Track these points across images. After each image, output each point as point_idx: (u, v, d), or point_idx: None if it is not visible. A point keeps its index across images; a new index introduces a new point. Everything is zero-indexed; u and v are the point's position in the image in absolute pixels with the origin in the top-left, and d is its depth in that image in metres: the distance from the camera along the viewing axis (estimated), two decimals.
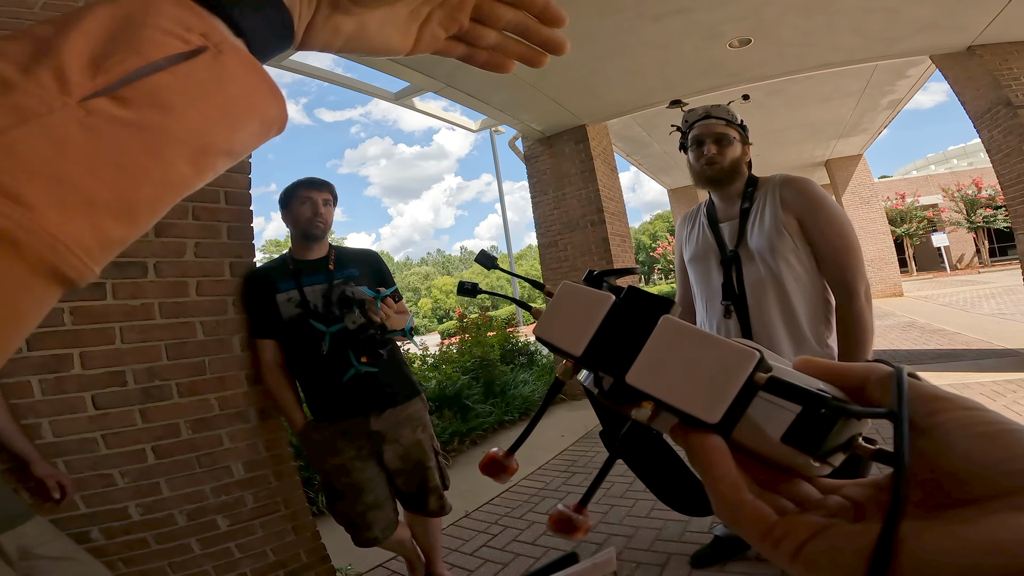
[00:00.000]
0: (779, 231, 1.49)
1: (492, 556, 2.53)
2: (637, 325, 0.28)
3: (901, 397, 0.22)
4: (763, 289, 1.51)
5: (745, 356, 0.24)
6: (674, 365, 0.26)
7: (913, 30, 4.57)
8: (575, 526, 0.26)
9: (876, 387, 0.24)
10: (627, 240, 6.39)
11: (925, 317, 8.27)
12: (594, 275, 0.36)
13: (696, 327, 0.26)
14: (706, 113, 1.64)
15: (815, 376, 0.26)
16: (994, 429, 0.20)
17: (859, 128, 9.38)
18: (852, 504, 0.24)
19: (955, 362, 5.00)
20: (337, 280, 1.93)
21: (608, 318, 0.29)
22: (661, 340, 0.27)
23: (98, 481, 1.64)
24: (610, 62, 4.64)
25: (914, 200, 20.53)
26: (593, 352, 0.29)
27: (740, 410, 0.24)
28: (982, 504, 0.18)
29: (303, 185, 1.97)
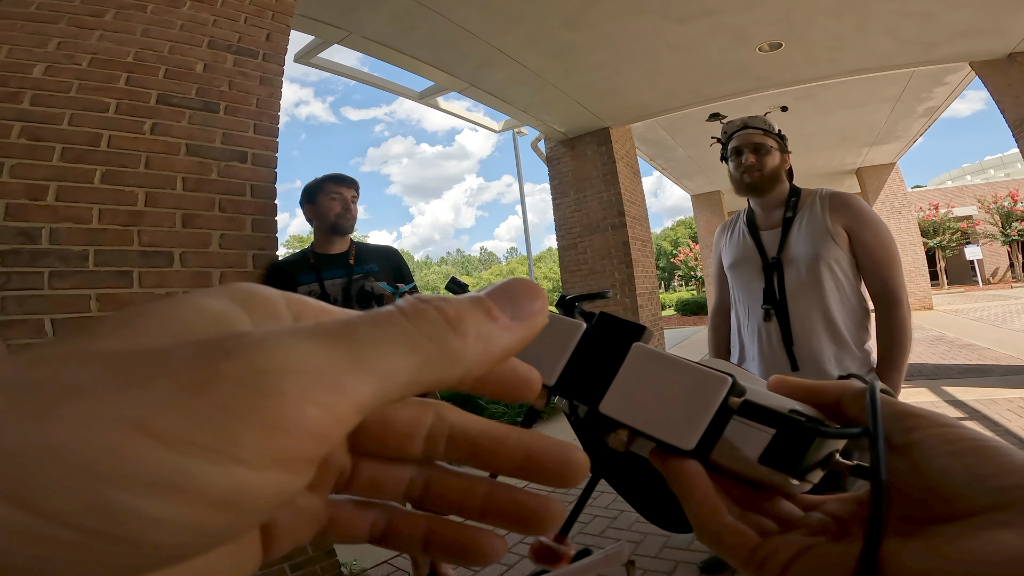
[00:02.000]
0: (827, 239, 1.55)
1: None
2: (609, 352, 0.28)
3: (875, 415, 0.22)
4: (804, 294, 1.56)
5: (717, 381, 0.24)
6: (647, 393, 0.26)
7: (951, 35, 4.43)
8: (557, 556, 0.27)
9: (851, 404, 0.24)
10: (648, 245, 6.33)
11: (955, 331, 8.02)
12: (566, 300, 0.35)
13: (667, 354, 0.26)
14: (744, 124, 1.70)
15: (790, 395, 0.26)
16: (970, 446, 0.20)
17: (893, 136, 9.13)
18: (834, 520, 0.24)
19: (983, 377, 4.86)
20: (357, 275, 1.96)
21: (580, 346, 0.29)
22: (633, 368, 0.26)
23: None
24: (634, 64, 4.61)
25: (948, 211, 19.92)
26: (566, 381, 0.29)
27: (716, 434, 0.24)
28: (963, 521, 0.18)
29: (332, 180, 2.00)
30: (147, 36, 1.87)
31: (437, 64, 4.22)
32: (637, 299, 5.79)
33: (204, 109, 1.95)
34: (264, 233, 2.05)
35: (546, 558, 0.27)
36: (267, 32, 2.17)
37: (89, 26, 1.77)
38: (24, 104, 1.62)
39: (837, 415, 0.25)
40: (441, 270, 64.65)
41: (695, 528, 0.24)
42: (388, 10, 3.43)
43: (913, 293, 11.47)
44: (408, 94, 5.09)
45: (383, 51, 3.90)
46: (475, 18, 3.66)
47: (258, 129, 2.07)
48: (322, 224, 2.00)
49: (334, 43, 3.77)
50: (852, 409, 0.24)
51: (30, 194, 1.60)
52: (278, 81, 2.16)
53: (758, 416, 0.23)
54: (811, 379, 0.26)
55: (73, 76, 1.71)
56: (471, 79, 4.54)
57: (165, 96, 1.87)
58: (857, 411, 0.24)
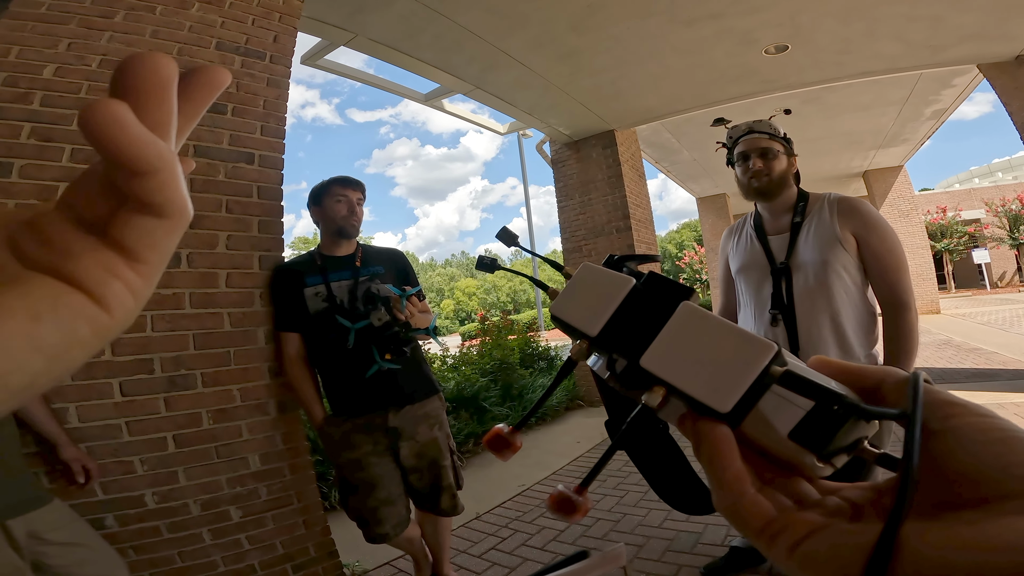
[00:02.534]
0: (835, 245, 1.55)
1: (500, 559, 2.52)
2: (655, 310, 0.28)
3: (916, 399, 0.22)
4: (812, 300, 1.56)
5: (763, 347, 0.24)
6: (690, 352, 0.25)
7: (959, 38, 4.41)
8: (574, 506, 0.27)
9: (892, 390, 0.25)
10: (653, 248, 6.31)
11: (962, 335, 7.95)
12: (615, 259, 0.36)
13: (716, 316, 0.26)
14: (749, 128, 1.70)
15: (831, 376, 0.26)
16: (1005, 435, 0.20)
17: (900, 138, 9.08)
18: (850, 506, 0.24)
19: (990, 381, 4.83)
20: (363, 277, 1.96)
21: (627, 301, 0.29)
22: (679, 326, 0.26)
23: (118, 468, 1.68)
24: (640, 67, 4.60)
25: (955, 214, 19.78)
26: (609, 333, 0.29)
27: (751, 402, 0.24)
28: (988, 506, 0.18)
29: (338, 183, 2.01)
30: (156, 38, 1.88)
31: (443, 66, 4.23)
32: None
33: (211, 110, 1.95)
34: (270, 235, 2.06)
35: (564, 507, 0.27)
36: (274, 34, 2.19)
37: (99, 27, 1.78)
38: (34, 105, 1.63)
39: (874, 399, 0.25)
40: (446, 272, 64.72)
41: (714, 493, 0.24)
42: (395, 13, 3.45)
43: (920, 297, 11.39)
44: (414, 96, 5.11)
45: (389, 53, 3.92)
46: (481, 21, 3.67)
47: (265, 131, 2.08)
48: (328, 226, 2.00)
49: (340, 45, 3.78)
50: (892, 395, 0.24)
51: (40, 195, 1.61)
52: (285, 83, 2.18)
53: (799, 387, 0.23)
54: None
55: (83, 77, 1.73)
56: (477, 82, 4.54)
57: None
58: (896, 397, 0.24)
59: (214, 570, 1.81)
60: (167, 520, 1.74)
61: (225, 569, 1.83)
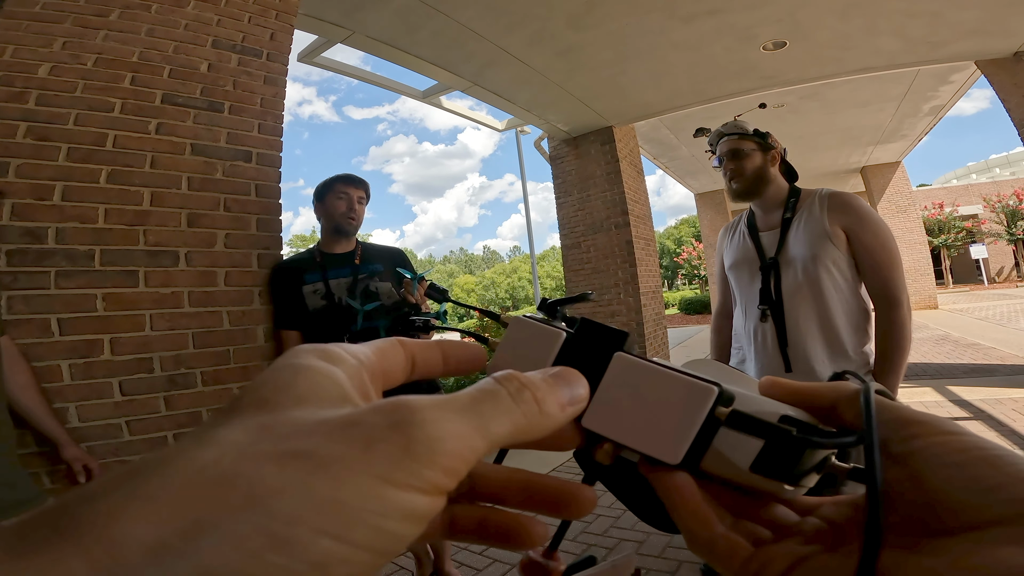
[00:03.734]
0: (824, 240, 1.54)
1: (501, 556, 2.53)
2: (591, 360, 0.27)
3: (870, 422, 0.21)
4: (800, 295, 1.56)
5: (703, 392, 0.23)
6: (630, 404, 0.25)
7: (958, 34, 4.41)
8: (546, 571, 0.27)
9: (847, 408, 0.23)
10: (651, 244, 6.32)
11: (960, 331, 7.98)
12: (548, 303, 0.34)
13: (651, 363, 0.25)
14: (719, 133, 1.71)
15: (782, 399, 0.25)
16: (975, 456, 0.19)
17: (898, 134, 9.08)
18: (830, 527, 0.23)
19: (988, 377, 4.84)
20: (362, 275, 1.96)
21: (562, 354, 0.28)
22: (615, 379, 0.25)
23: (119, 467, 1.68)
24: (639, 63, 4.59)
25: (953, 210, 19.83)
26: None
27: (704, 444, 0.23)
28: (966, 535, 0.17)
29: (341, 180, 2.00)
30: (152, 36, 1.87)
31: (441, 63, 4.22)
32: (640, 298, 5.78)
33: (209, 109, 1.95)
34: (269, 232, 2.05)
35: (535, 573, 0.27)
36: (271, 31, 2.17)
37: (94, 26, 1.77)
38: (30, 104, 1.62)
39: (832, 419, 0.24)
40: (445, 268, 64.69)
41: (686, 540, 0.24)
42: (392, 9, 3.43)
43: (918, 292, 11.43)
44: (411, 93, 5.09)
45: (387, 50, 3.90)
46: (480, 18, 3.66)
47: (262, 128, 2.07)
48: (328, 223, 2.00)
49: (338, 42, 3.77)
50: (848, 413, 0.23)
51: (36, 194, 1.60)
52: (282, 80, 2.17)
53: (747, 427, 0.23)
54: (803, 380, 0.26)
55: (78, 76, 1.72)
56: (475, 78, 4.53)
57: (170, 96, 1.87)
58: (853, 415, 0.23)
59: None
60: None
61: None
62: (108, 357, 1.68)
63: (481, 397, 0.18)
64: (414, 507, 0.15)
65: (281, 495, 0.13)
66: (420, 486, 0.15)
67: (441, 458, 0.16)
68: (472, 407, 0.18)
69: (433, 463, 0.15)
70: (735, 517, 0.25)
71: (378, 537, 0.14)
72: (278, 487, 0.13)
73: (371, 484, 0.14)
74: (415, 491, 0.15)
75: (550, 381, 0.21)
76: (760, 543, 0.23)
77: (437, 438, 0.16)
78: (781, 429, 0.22)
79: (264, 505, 0.13)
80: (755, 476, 0.23)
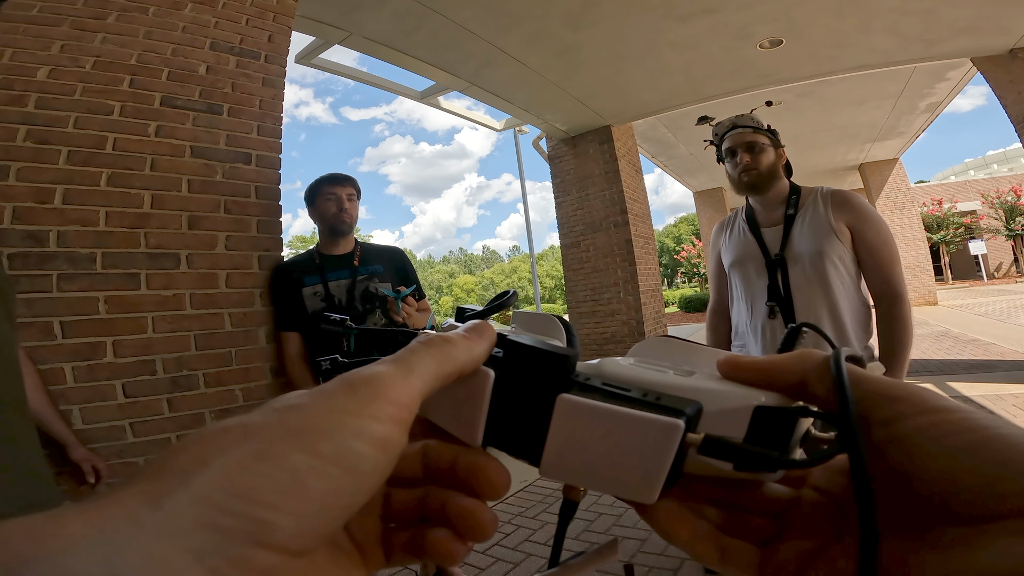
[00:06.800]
0: (830, 236, 1.55)
1: (504, 555, 2.53)
2: (532, 396, 0.23)
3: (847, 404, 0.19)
4: (810, 290, 1.57)
5: (668, 430, 0.21)
6: (588, 451, 0.22)
7: (953, 32, 4.42)
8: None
9: (816, 383, 0.21)
10: (651, 242, 6.32)
11: (960, 327, 7.99)
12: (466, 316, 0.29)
13: (600, 403, 0.22)
14: (732, 124, 1.70)
15: (747, 380, 0.23)
16: (973, 439, 0.17)
17: (895, 131, 9.10)
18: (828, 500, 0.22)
19: (989, 373, 4.85)
20: (361, 276, 1.96)
21: (496, 395, 0.24)
22: (564, 426, 0.22)
23: (124, 470, 1.67)
24: (636, 62, 4.60)
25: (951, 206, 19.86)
26: (495, 434, 0.24)
27: (679, 470, 0.22)
28: (973, 527, 0.16)
29: (327, 181, 2.01)
30: (150, 39, 1.88)
31: (439, 64, 4.22)
32: (640, 297, 5.79)
33: (208, 111, 1.95)
34: (269, 234, 2.06)
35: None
36: (269, 34, 2.18)
37: (92, 29, 1.77)
38: (29, 107, 1.63)
39: (803, 395, 0.22)
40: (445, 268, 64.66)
41: (695, 559, 0.23)
42: (389, 10, 3.44)
43: (918, 288, 11.44)
44: (409, 94, 5.09)
45: (384, 51, 3.91)
46: (477, 18, 3.66)
47: (262, 131, 2.07)
48: (323, 226, 2.01)
49: (335, 44, 3.77)
50: (819, 387, 0.21)
51: (37, 197, 1.60)
52: (280, 82, 2.17)
53: (721, 453, 0.21)
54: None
55: (77, 79, 1.72)
56: (473, 79, 4.54)
57: (169, 98, 1.88)
58: (824, 390, 0.21)
59: None
60: None
61: None
62: (111, 359, 1.68)
63: (405, 351, 0.22)
64: (371, 431, 0.18)
65: (263, 427, 0.17)
66: (373, 414, 0.18)
67: (383, 391, 0.19)
68: (399, 357, 0.21)
69: (377, 395, 0.19)
70: (728, 510, 0.24)
71: (342, 452, 0.17)
72: (261, 423, 0.17)
73: (331, 414, 0.18)
74: (368, 418, 0.18)
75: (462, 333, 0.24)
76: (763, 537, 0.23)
77: (376, 379, 0.19)
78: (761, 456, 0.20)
79: (252, 435, 0.17)
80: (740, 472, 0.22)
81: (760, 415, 0.21)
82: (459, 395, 0.24)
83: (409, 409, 0.19)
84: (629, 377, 0.23)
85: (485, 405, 0.24)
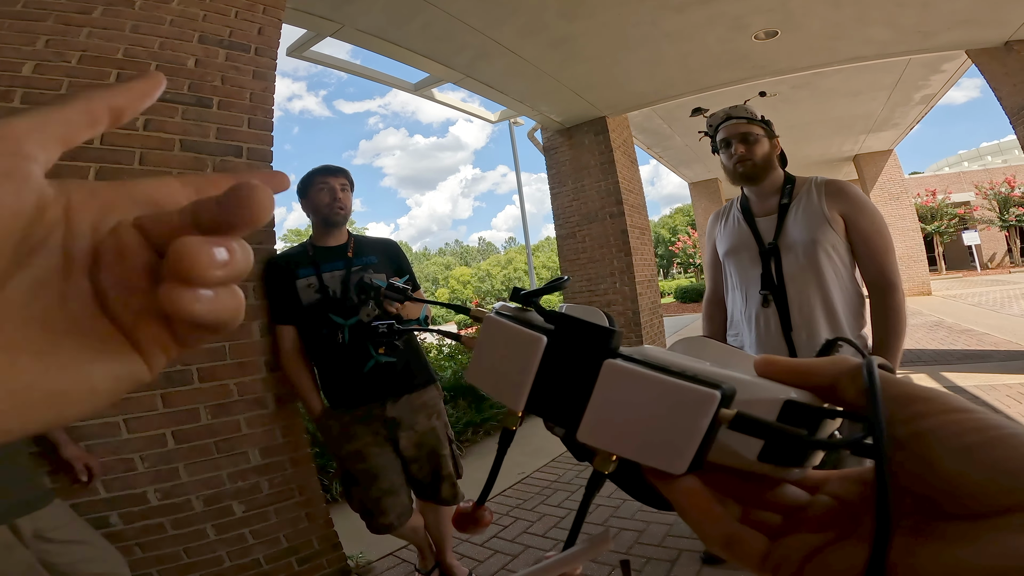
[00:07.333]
0: (824, 225, 1.56)
1: (502, 547, 2.55)
2: (579, 365, 0.25)
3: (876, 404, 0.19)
4: (804, 279, 1.57)
5: (704, 399, 0.22)
6: (626, 414, 0.23)
7: (949, 24, 4.41)
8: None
9: (848, 386, 0.22)
10: (646, 233, 6.33)
11: (953, 317, 8.05)
12: (522, 295, 0.31)
13: (643, 370, 0.23)
14: (727, 115, 1.70)
15: (780, 379, 0.24)
16: (992, 437, 0.18)
17: (890, 123, 9.10)
18: (841, 505, 0.23)
19: (983, 363, 4.87)
20: (356, 267, 1.96)
21: (545, 362, 0.26)
22: (607, 390, 0.24)
23: (119, 466, 1.68)
24: (632, 53, 4.57)
25: (945, 197, 19.92)
26: (536, 405, 0.26)
27: (708, 446, 0.22)
28: (979, 521, 0.17)
29: (319, 172, 2.00)
30: (136, 32, 1.85)
31: (433, 56, 4.18)
32: (636, 287, 5.80)
33: (197, 104, 1.93)
34: (262, 227, 2.04)
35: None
36: (259, 26, 2.15)
37: (77, 23, 1.75)
38: (15, 103, 1.61)
39: (834, 397, 0.23)
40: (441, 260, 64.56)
41: (702, 539, 0.24)
42: (382, 2, 3.40)
43: (912, 279, 11.51)
44: (403, 86, 5.05)
45: (378, 43, 3.87)
46: (471, 9, 3.63)
47: (252, 124, 2.06)
48: (316, 217, 2.00)
49: (327, 36, 3.73)
50: (849, 391, 0.22)
51: None
52: (271, 75, 2.15)
53: (753, 430, 0.22)
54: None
55: (63, 74, 1.70)
56: (467, 70, 4.50)
57: None
58: (855, 393, 0.22)
59: (220, 565, 1.82)
60: (171, 517, 1.75)
61: (231, 564, 1.84)
62: None
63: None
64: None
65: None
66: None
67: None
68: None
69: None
70: (745, 505, 0.25)
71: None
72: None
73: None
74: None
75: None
76: (774, 531, 0.23)
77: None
78: (789, 433, 0.21)
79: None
80: (763, 464, 0.23)
81: (789, 409, 0.22)
82: (509, 360, 0.26)
83: (14, 140, 0.16)
84: (669, 360, 0.24)
85: (534, 369, 0.26)
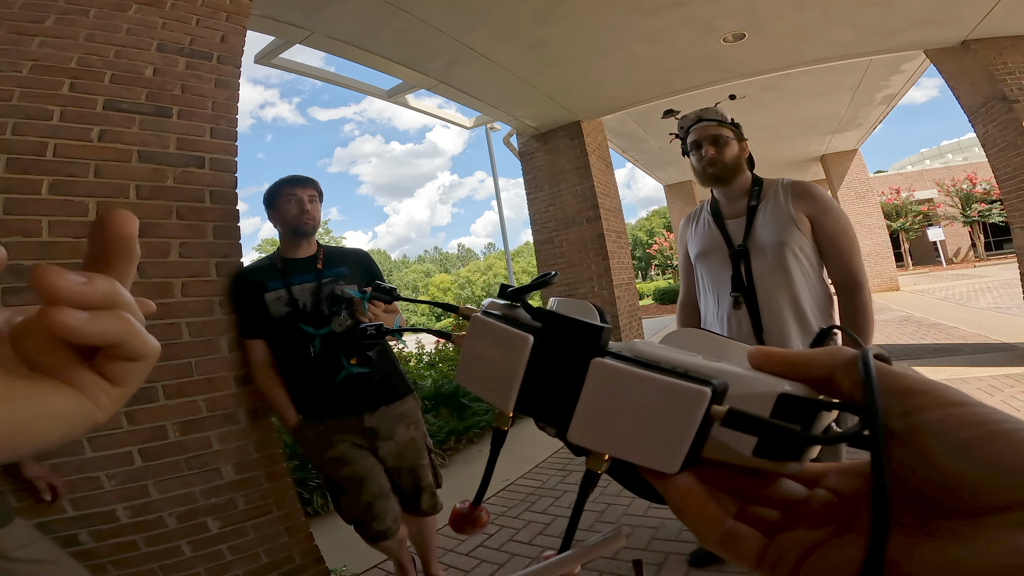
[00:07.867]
0: (791, 226, 1.58)
1: (488, 556, 2.52)
2: (567, 363, 0.24)
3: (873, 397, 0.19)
4: (772, 280, 1.59)
5: (695, 396, 0.21)
6: (617, 414, 0.23)
7: (908, 24, 4.55)
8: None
9: (844, 377, 0.22)
10: (623, 236, 6.37)
11: (922, 311, 8.28)
12: (509, 292, 0.31)
13: (632, 368, 0.23)
14: (697, 118, 1.72)
15: (774, 371, 0.23)
16: (991, 431, 0.17)
17: (854, 123, 9.36)
18: (838, 499, 0.22)
19: (953, 356, 5.00)
20: (326, 279, 1.92)
21: (533, 361, 0.25)
22: (596, 388, 0.23)
23: (85, 484, 1.62)
24: (605, 57, 4.62)
25: (909, 195, 20.55)
26: (526, 404, 0.26)
27: (701, 443, 0.22)
28: (979, 519, 0.16)
29: (287, 183, 1.96)
30: (91, 41, 1.79)
31: (406, 62, 4.16)
32: (614, 290, 5.83)
33: (156, 114, 1.87)
34: (227, 240, 1.99)
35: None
36: (222, 34, 2.10)
37: (29, 32, 1.68)
38: None
39: (829, 389, 0.22)
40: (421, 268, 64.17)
41: (697, 537, 0.23)
42: (352, 8, 3.36)
43: (880, 275, 11.82)
44: (376, 93, 5.01)
45: (349, 50, 3.83)
46: (444, 15, 3.62)
47: (215, 133, 2.00)
48: (284, 228, 1.96)
49: (296, 43, 3.68)
50: (845, 382, 0.22)
51: None
52: (235, 83, 2.10)
53: (746, 426, 0.21)
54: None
55: (14, 84, 1.63)
56: (441, 77, 4.48)
57: (113, 102, 1.79)
58: (851, 385, 0.21)
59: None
60: (144, 534, 1.69)
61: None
62: None
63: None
64: None
65: None
66: None
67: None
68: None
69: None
70: (741, 501, 0.24)
71: None
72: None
73: None
74: None
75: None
76: (772, 527, 0.22)
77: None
78: (783, 428, 0.21)
79: None
80: (758, 459, 0.22)
81: (784, 402, 0.22)
82: (497, 360, 0.26)
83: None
84: (659, 355, 0.24)
85: (522, 368, 0.25)
